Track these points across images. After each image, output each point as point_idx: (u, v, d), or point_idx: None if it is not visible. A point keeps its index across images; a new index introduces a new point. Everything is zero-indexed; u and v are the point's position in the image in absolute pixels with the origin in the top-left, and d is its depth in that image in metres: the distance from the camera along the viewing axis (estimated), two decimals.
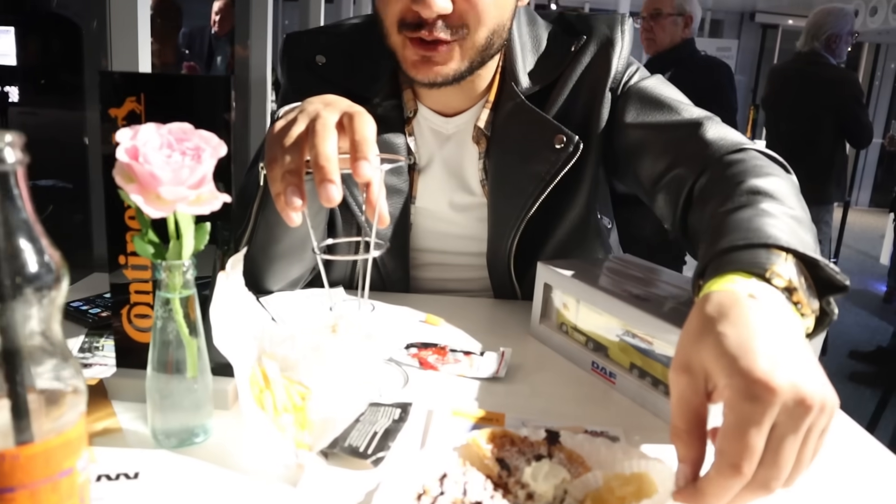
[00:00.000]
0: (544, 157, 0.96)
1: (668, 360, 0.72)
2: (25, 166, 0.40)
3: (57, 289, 0.40)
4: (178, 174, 0.50)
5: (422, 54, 0.88)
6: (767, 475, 0.48)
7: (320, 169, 0.61)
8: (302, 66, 1.03)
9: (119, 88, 0.64)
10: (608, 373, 0.78)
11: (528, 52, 1.01)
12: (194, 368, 0.60)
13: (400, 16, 0.87)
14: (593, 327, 0.82)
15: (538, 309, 0.90)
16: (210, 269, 0.66)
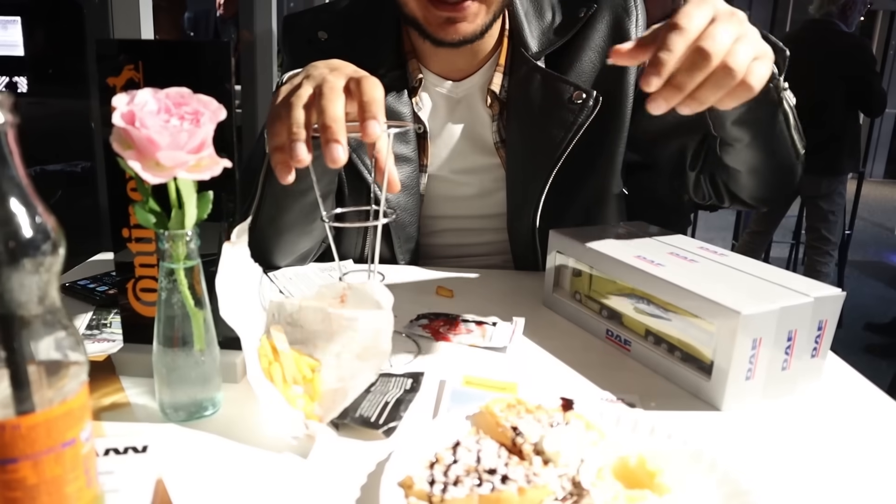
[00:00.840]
0: (563, 116, 0.97)
1: (683, 325, 0.70)
2: (16, 128, 0.38)
3: (54, 255, 0.39)
4: (176, 138, 0.48)
5: (447, 15, 0.89)
6: (724, 56, 0.60)
7: (327, 129, 0.60)
8: (304, 42, 1.02)
9: (117, 56, 0.63)
10: (623, 340, 0.77)
11: (532, 17, 1.02)
12: (201, 341, 0.59)
13: None
14: (607, 295, 0.80)
15: (551, 278, 0.89)
16: (216, 246, 0.64)
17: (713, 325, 0.66)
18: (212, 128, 0.50)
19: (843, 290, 0.68)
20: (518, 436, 0.54)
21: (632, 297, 0.77)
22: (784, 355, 0.66)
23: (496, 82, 1.01)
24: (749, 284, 0.70)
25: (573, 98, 0.96)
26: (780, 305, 0.64)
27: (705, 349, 0.68)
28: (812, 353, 0.69)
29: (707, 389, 0.67)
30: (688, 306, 0.69)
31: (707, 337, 0.67)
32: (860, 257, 5.07)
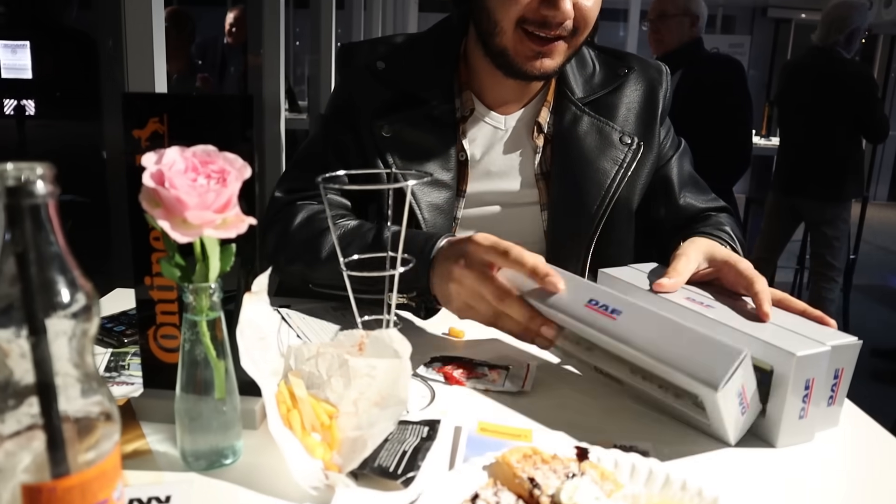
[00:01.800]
0: (614, 154, 1.08)
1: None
2: (56, 198, 0.40)
3: (89, 321, 0.40)
4: (203, 198, 0.50)
5: (537, 50, 0.98)
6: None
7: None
8: (362, 69, 1.09)
9: (142, 110, 0.64)
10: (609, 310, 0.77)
11: (576, 67, 1.12)
12: (222, 390, 0.60)
13: (522, 14, 0.96)
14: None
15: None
16: (234, 284, 0.66)
17: (768, 365, 0.68)
18: (238, 186, 0.52)
19: (848, 314, 0.71)
20: (535, 488, 0.54)
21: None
22: (802, 403, 0.67)
23: (543, 116, 1.09)
24: (770, 332, 0.71)
25: (621, 139, 1.08)
26: (801, 354, 0.66)
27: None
28: (829, 401, 0.70)
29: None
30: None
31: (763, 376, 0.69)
32: (865, 281, 5.07)
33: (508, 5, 0.96)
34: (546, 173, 1.10)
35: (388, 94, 1.07)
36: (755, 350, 0.69)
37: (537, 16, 0.96)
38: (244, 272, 0.65)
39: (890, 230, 6.85)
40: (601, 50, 1.16)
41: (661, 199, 1.14)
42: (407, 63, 1.09)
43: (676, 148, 1.16)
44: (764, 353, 0.68)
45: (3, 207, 0.38)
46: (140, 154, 0.64)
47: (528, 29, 0.97)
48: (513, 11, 0.96)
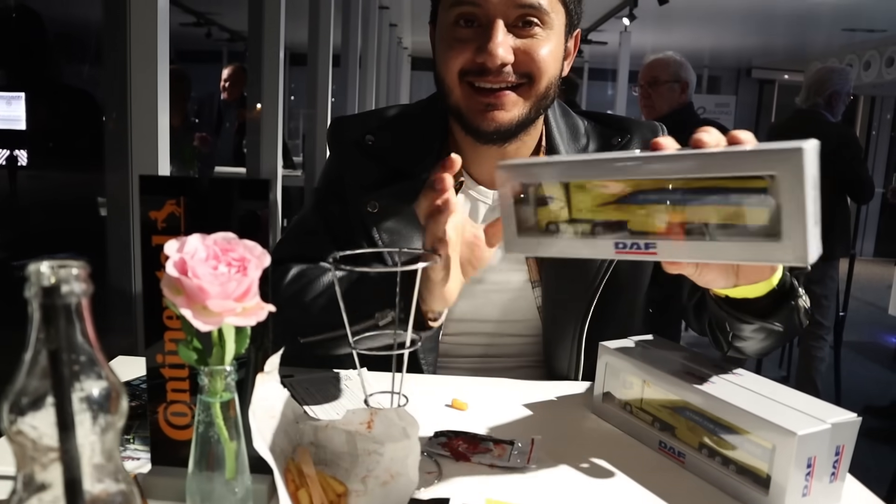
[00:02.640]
0: None
1: (736, 440, 0.73)
2: (89, 297, 0.41)
3: (117, 415, 0.41)
4: (225, 287, 0.51)
5: (486, 102, 0.96)
6: None
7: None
8: (351, 144, 1.09)
9: (159, 192, 0.66)
10: (677, 452, 0.79)
11: (568, 140, 1.09)
12: (233, 470, 0.60)
13: (462, 67, 0.96)
14: (658, 407, 0.83)
15: (600, 388, 0.91)
16: (246, 363, 0.67)
17: (769, 443, 0.69)
18: (258, 274, 0.53)
19: (840, 372, 0.73)
20: None
21: (685, 410, 0.79)
22: (804, 481, 0.68)
23: None
24: (770, 409, 0.72)
25: None
26: (802, 433, 0.67)
27: (761, 464, 0.71)
28: (831, 477, 0.71)
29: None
30: (741, 420, 0.72)
31: (763, 452, 0.70)
32: (855, 338, 5.09)
33: (449, 61, 0.97)
34: None
35: (377, 169, 1.06)
36: (756, 428, 0.70)
37: (475, 65, 0.95)
38: (256, 352, 0.66)
39: (877, 286, 6.91)
40: (595, 119, 1.15)
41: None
42: (396, 137, 1.09)
43: None
44: (765, 431, 0.70)
45: (39, 306, 0.39)
46: (156, 235, 0.66)
47: (472, 82, 0.96)
48: (454, 65, 0.97)
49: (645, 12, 6.16)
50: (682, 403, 0.79)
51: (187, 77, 3.94)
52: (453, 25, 0.97)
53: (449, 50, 0.98)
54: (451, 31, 0.98)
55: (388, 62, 7.25)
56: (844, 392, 3.63)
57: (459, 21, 0.97)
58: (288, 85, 6.23)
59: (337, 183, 1.09)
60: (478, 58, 0.94)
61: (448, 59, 0.97)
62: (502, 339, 1.12)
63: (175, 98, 3.68)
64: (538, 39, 0.96)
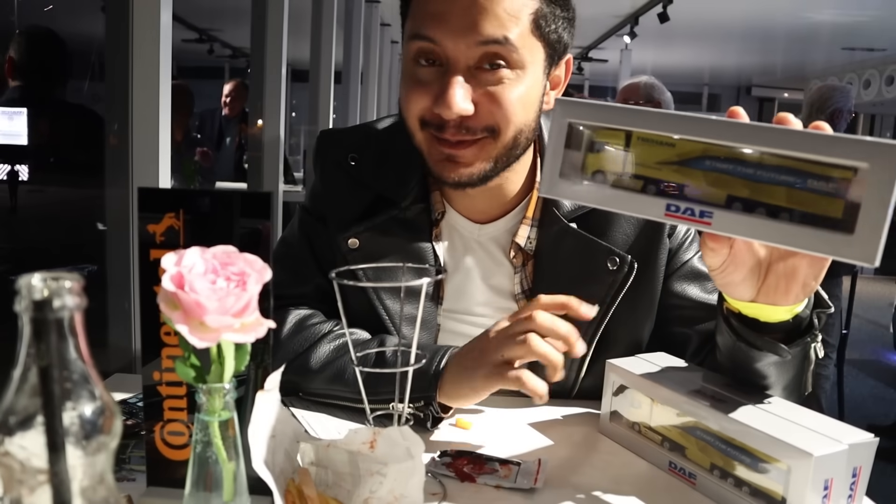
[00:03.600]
0: (603, 278, 0.95)
1: (750, 461, 0.71)
2: (83, 311, 0.39)
3: (110, 436, 0.39)
4: (223, 302, 0.49)
5: (447, 153, 0.89)
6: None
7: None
8: (335, 165, 1.02)
9: (158, 204, 0.64)
10: (687, 473, 0.77)
11: None
12: (230, 493, 0.58)
13: (421, 115, 0.88)
14: (668, 426, 0.81)
15: (608, 407, 0.89)
16: (246, 381, 0.65)
17: (785, 464, 0.67)
18: (257, 289, 0.51)
19: (843, 390, 0.71)
20: None
21: (695, 429, 0.77)
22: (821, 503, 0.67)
23: (521, 234, 0.99)
24: (785, 429, 0.71)
25: (608, 262, 0.95)
26: (821, 453, 0.66)
27: (776, 486, 0.69)
28: (848, 500, 0.69)
29: None
30: (753, 437, 0.71)
31: (778, 474, 0.68)
32: (857, 356, 5.07)
33: (410, 105, 0.89)
34: (527, 292, 1.00)
35: (358, 195, 1.00)
36: (770, 448, 0.68)
37: (433, 116, 0.87)
38: (256, 369, 0.64)
39: (879, 304, 6.89)
40: None
41: (681, 313, 1.00)
42: (379, 158, 1.01)
43: (697, 251, 1.01)
44: (780, 452, 0.68)
45: (30, 320, 0.37)
46: (155, 248, 0.64)
47: (432, 133, 0.88)
48: (414, 111, 0.89)
49: (645, 30, 6.19)
50: (692, 423, 0.77)
51: (190, 92, 3.95)
52: (414, 63, 0.89)
53: (409, 91, 0.90)
54: (412, 67, 0.89)
55: (389, 78, 7.28)
56: (847, 411, 3.60)
57: (420, 59, 0.88)
58: (289, 101, 6.25)
59: (320, 202, 1.04)
60: (435, 107, 0.85)
61: (408, 102, 0.90)
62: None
63: (178, 113, 3.69)
64: (505, 85, 0.86)
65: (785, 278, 0.71)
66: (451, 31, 0.84)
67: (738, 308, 0.78)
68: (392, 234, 0.98)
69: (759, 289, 0.72)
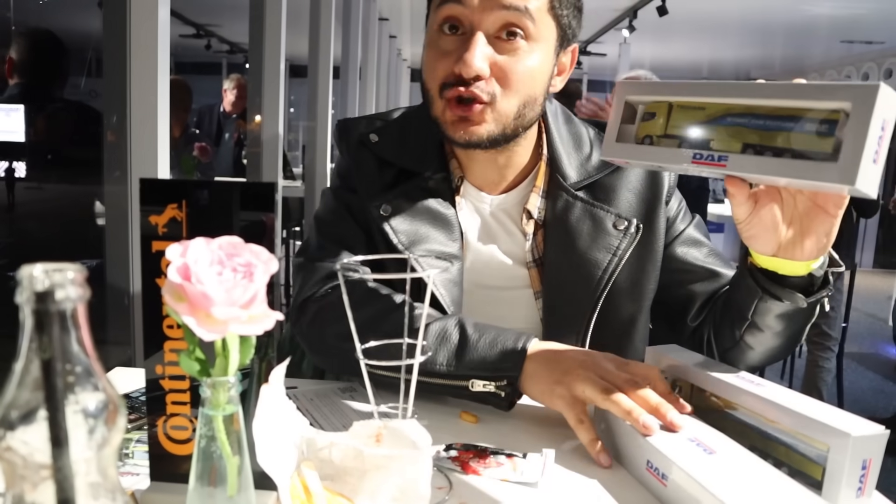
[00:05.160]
0: (607, 241, 1.03)
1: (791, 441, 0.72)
2: (86, 303, 0.38)
3: (114, 429, 0.39)
4: (230, 294, 0.48)
5: (459, 114, 0.96)
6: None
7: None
8: (357, 143, 1.09)
9: (160, 196, 0.63)
10: (661, 475, 0.76)
11: (571, 148, 1.08)
12: (234, 487, 0.58)
13: (443, 79, 0.96)
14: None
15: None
16: (250, 374, 0.64)
17: (825, 445, 0.69)
18: (265, 280, 0.51)
19: (842, 383, 0.73)
20: None
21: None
22: None
23: (532, 203, 1.06)
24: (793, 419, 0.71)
25: (615, 224, 1.04)
26: (859, 433, 0.67)
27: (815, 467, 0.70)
28: (857, 492, 0.68)
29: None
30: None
31: (818, 455, 0.70)
32: (856, 349, 5.07)
33: (433, 73, 0.97)
34: (538, 260, 1.07)
35: (382, 168, 1.07)
36: (811, 429, 0.70)
37: (454, 77, 0.94)
38: (260, 363, 0.64)
39: (877, 297, 6.89)
40: (602, 128, 1.13)
41: (687, 272, 1.09)
42: (398, 137, 1.09)
43: (690, 220, 1.13)
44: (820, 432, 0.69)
45: (31, 312, 0.37)
46: (157, 240, 0.63)
47: (448, 95, 0.95)
48: (436, 78, 0.97)
49: (644, 24, 6.18)
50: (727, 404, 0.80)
51: (189, 88, 3.92)
52: (439, 31, 0.97)
53: (433, 60, 0.98)
54: (437, 37, 0.97)
55: (387, 73, 7.26)
56: (847, 404, 3.60)
57: (444, 27, 0.96)
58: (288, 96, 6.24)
59: (349, 178, 1.09)
60: (455, 67, 0.93)
61: (432, 70, 0.97)
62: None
63: (176, 109, 3.68)
64: (519, 54, 0.94)
65: (801, 234, 0.81)
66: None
67: (761, 263, 0.87)
68: (419, 199, 1.05)
69: (780, 244, 0.82)
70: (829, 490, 0.68)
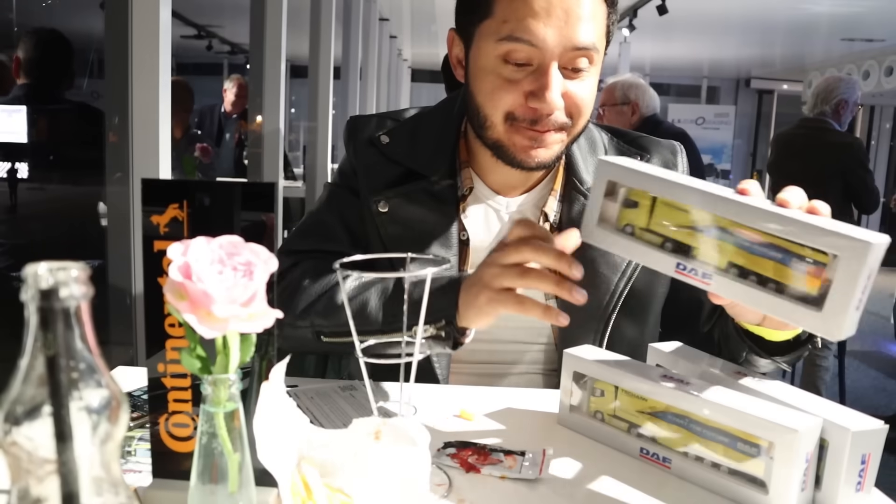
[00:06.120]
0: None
1: (725, 437, 0.71)
2: (89, 300, 0.39)
3: (117, 425, 0.39)
4: (231, 292, 0.49)
5: (531, 141, 0.95)
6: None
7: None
8: (366, 142, 1.09)
9: (161, 196, 0.64)
10: (661, 458, 0.77)
11: (587, 152, 1.08)
12: (235, 483, 0.58)
13: (510, 110, 0.94)
14: (636, 413, 0.81)
15: (567, 398, 0.88)
16: (251, 371, 0.65)
17: (766, 443, 0.68)
18: (265, 279, 0.51)
19: (844, 381, 0.73)
20: None
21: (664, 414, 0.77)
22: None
23: (550, 206, 1.07)
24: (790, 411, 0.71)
25: None
26: (805, 428, 0.67)
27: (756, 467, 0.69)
28: (857, 486, 0.69)
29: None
30: (725, 415, 0.71)
31: (759, 453, 0.69)
32: (858, 347, 5.07)
33: (496, 101, 0.94)
34: None
35: (390, 168, 1.06)
36: (753, 427, 0.70)
37: (526, 112, 0.93)
38: (261, 361, 0.64)
39: (879, 295, 6.88)
40: (615, 134, 1.14)
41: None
42: (409, 138, 1.09)
43: None
44: (763, 430, 0.69)
45: (36, 310, 0.37)
46: (158, 239, 0.64)
47: (518, 124, 0.94)
48: (501, 107, 0.94)
49: (644, 23, 6.18)
50: (663, 408, 0.78)
51: (189, 89, 3.93)
52: (502, 61, 0.93)
53: (497, 89, 0.94)
54: (500, 66, 0.93)
55: (388, 74, 7.27)
56: (849, 402, 3.59)
57: (509, 59, 0.93)
58: (289, 97, 6.24)
59: (351, 177, 1.09)
60: (531, 102, 0.92)
61: (495, 97, 0.94)
62: (516, 347, 1.10)
63: (177, 109, 3.69)
64: (584, 80, 0.95)
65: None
66: (551, 38, 0.90)
67: (746, 327, 0.87)
68: (420, 202, 1.04)
69: (764, 318, 0.82)
70: (828, 485, 0.68)
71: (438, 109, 1.13)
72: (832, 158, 3.27)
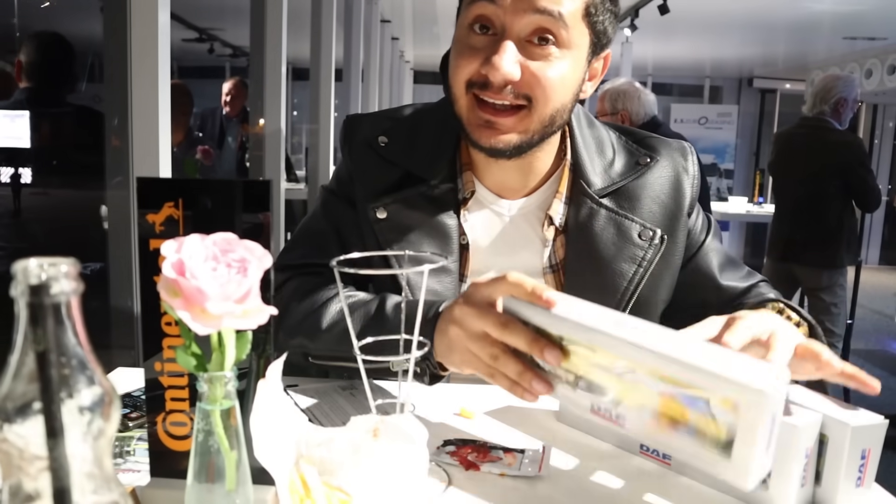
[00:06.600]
0: (632, 252, 1.00)
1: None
2: (79, 296, 0.39)
3: (109, 422, 0.39)
4: (225, 289, 0.49)
5: (486, 118, 0.92)
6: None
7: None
8: (364, 145, 1.06)
9: (157, 194, 0.64)
10: (661, 455, 0.76)
11: (594, 153, 1.04)
12: (233, 481, 0.58)
13: (469, 76, 0.92)
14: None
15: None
16: (247, 370, 0.65)
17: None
18: (259, 276, 0.51)
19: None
20: None
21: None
22: None
23: (555, 209, 1.02)
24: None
25: (641, 235, 1.00)
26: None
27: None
28: (857, 481, 0.68)
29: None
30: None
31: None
32: (862, 346, 5.05)
33: (459, 68, 0.93)
34: (555, 266, 1.03)
35: (388, 171, 1.03)
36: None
37: (479, 77, 0.91)
38: (258, 359, 0.64)
39: (883, 293, 6.87)
40: (623, 133, 1.10)
41: (701, 286, 1.07)
42: (409, 138, 1.05)
43: (707, 230, 1.10)
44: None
45: (26, 305, 0.37)
46: (154, 238, 0.64)
47: (477, 95, 0.92)
48: (462, 74, 0.92)
49: (646, 22, 6.17)
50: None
51: (189, 92, 3.93)
52: (469, 29, 0.93)
53: (460, 57, 0.93)
54: (466, 35, 0.93)
55: (390, 76, 7.27)
56: (853, 400, 3.58)
57: (475, 26, 0.92)
58: (290, 99, 6.25)
59: (347, 184, 1.06)
60: (482, 69, 0.89)
61: (458, 67, 0.93)
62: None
63: (177, 113, 3.70)
64: (550, 61, 0.90)
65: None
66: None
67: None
68: (419, 208, 1.01)
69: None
70: (829, 481, 0.68)
71: (439, 108, 1.08)
72: (832, 157, 3.26)
